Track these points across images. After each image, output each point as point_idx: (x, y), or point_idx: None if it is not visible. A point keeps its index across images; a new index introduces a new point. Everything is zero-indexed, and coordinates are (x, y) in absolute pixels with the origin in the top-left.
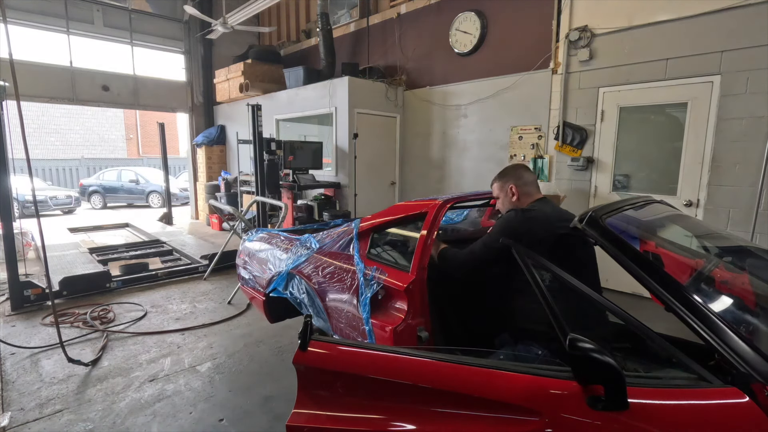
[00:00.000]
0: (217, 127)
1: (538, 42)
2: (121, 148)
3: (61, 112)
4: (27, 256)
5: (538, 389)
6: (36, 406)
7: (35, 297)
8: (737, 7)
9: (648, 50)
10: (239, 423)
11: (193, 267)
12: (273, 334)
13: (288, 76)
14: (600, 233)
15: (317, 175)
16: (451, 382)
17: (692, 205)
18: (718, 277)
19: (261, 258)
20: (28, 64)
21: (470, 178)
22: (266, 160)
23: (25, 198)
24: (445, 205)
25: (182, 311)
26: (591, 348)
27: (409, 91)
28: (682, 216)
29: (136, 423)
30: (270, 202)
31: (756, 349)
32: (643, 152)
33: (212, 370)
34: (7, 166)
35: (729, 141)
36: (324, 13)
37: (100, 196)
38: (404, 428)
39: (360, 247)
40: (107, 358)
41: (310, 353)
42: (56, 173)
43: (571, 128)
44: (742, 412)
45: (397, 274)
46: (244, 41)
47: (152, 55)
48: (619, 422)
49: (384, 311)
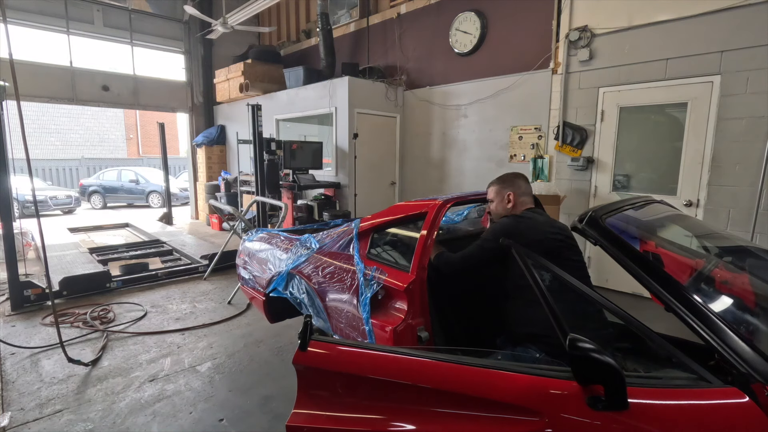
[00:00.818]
0: (217, 127)
1: (538, 42)
2: (121, 148)
3: (61, 112)
4: (27, 256)
5: (538, 389)
6: (36, 406)
7: (35, 297)
8: (737, 7)
9: (648, 50)
10: (239, 423)
11: (193, 267)
12: (273, 334)
13: (288, 76)
14: (600, 233)
15: (317, 175)
16: (451, 382)
17: (692, 205)
18: (718, 277)
19: (261, 258)
20: (28, 64)
21: (470, 178)
22: (266, 160)
23: (25, 198)
24: (445, 205)
25: (182, 311)
26: (591, 348)
27: (409, 91)
28: (682, 216)
29: (136, 423)
30: (270, 202)
31: (756, 349)
32: (643, 152)
33: (212, 370)
34: (7, 166)
35: (729, 141)
36: (324, 13)
37: (100, 196)
38: (404, 428)
39: (360, 247)
40: (107, 358)
41: (310, 353)
42: (56, 173)
43: (571, 128)
44: (742, 412)
45: (397, 274)
46: (244, 41)
47: (152, 55)
48: (619, 422)
49: (384, 311)
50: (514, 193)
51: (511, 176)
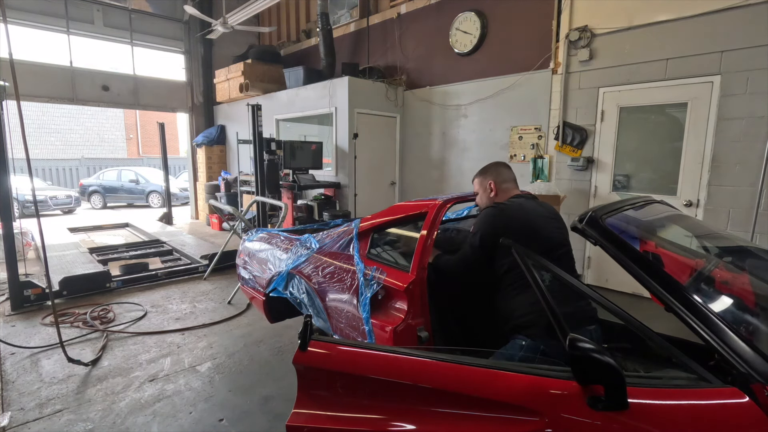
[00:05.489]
0: (217, 127)
1: (538, 42)
2: (121, 148)
3: (61, 112)
4: (27, 256)
5: (538, 389)
6: (36, 406)
7: (35, 297)
8: (737, 7)
9: (648, 50)
10: (239, 423)
11: (193, 267)
12: (273, 334)
13: (288, 76)
14: (600, 233)
15: (317, 175)
16: (451, 382)
17: (692, 205)
18: (718, 277)
19: (261, 258)
20: (28, 64)
21: (470, 178)
22: (266, 160)
23: (25, 198)
24: (445, 205)
25: (182, 311)
26: (591, 348)
27: (409, 91)
28: (682, 216)
29: (136, 423)
30: (270, 202)
31: (756, 349)
32: (643, 152)
33: (212, 370)
34: (7, 166)
35: (729, 141)
36: (324, 13)
37: (100, 196)
38: (404, 428)
39: (360, 247)
40: (107, 358)
41: (310, 353)
42: (56, 173)
43: (571, 128)
44: (742, 412)
45: (397, 274)
46: (244, 41)
47: (152, 55)
48: (619, 422)
49: (384, 311)
50: (494, 181)
51: (491, 165)
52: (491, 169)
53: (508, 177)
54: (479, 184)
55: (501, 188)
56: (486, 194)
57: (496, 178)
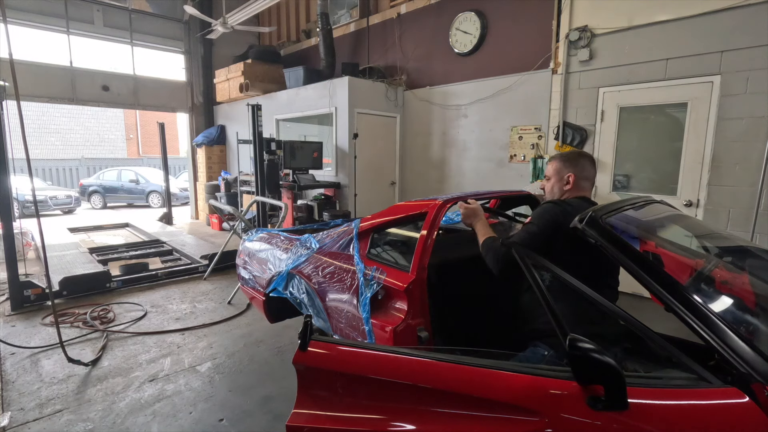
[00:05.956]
0: (217, 127)
1: (538, 42)
2: (121, 148)
3: (61, 112)
4: (27, 256)
5: (538, 389)
6: (36, 406)
7: (35, 297)
8: (737, 7)
9: (648, 50)
10: (239, 423)
11: (193, 267)
12: (273, 334)
13: (288, 76)
14: (600, 233)
15: (317, 175)
16: (451, 382)
17: (692, 205)
18: (718, 277)
19: (261, 258)
20: (28, 64)
21: (470, 178)
22: (266, 160)
23: (25, 198)
24: (445, 205)
25: (182, 311)
26: (591, 348)
27: (409, 91)
28: (682, 216)
29: (136, 423)
30: (270, 202)
31: (756, 349)
32: (643, 152)
33: (212, 370)
34: (7, 166)
35: (729, 141)
36: (324, 13)
37: (100, 196)
38: (404, 428)
39: (360, 247)
40: (107, 358)
41: (310, 353)
42: (56, 173)
43: (571, 128)
44: (742, 412)
45: (397, 274)
46: (244, 41)
47: (152, 55)
48: (619, 422)
49: (384, 311)
50: (576, 175)
51: (577, 156)
52: (577, 161)
53: (589, 175)
54: (556, 172)
55: (578, 185)
56: (560, 185)
57: (579, 172)
